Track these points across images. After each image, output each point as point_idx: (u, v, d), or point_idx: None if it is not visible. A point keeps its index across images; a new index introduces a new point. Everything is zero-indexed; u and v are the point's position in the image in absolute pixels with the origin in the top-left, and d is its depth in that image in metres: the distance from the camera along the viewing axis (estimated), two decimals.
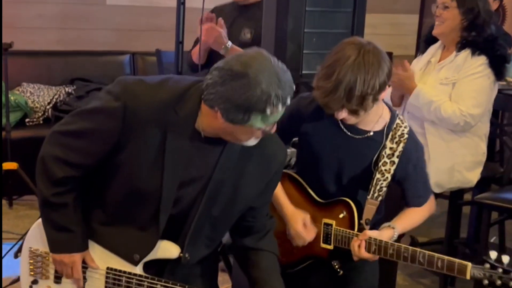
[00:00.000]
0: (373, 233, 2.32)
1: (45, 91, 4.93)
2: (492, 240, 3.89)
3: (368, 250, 2.31)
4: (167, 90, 1.95)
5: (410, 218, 2.46)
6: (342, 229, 2.38)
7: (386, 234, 2.34)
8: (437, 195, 4.73)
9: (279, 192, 2.42)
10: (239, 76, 1.80)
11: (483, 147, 3.41)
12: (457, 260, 2.21)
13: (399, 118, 2.39)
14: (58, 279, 2.13)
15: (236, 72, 1.81)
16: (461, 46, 3.29)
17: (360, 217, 2.38)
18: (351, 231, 2.36)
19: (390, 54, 6.29)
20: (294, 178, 2.49)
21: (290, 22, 2.84)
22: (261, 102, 1.81)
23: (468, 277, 2.17)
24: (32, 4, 5.17)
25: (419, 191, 2.45)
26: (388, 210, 2.52)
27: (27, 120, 4.82)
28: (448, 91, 3.26)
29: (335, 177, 2.41)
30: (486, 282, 2.17)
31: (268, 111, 1.82)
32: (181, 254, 2.04)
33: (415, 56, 6.11)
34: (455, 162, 3.32)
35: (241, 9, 3.61)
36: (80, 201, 2.03)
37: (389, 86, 2.23)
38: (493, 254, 2.18)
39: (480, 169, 3.43)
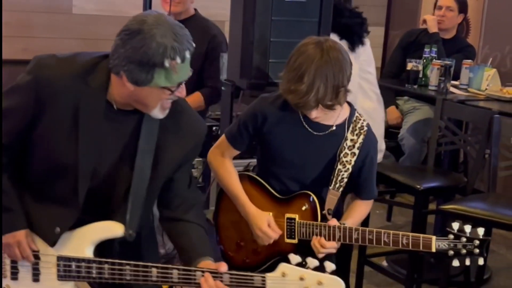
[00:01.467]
0: (337, 222, 2.36)
1: None
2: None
3: (333, 238, 2.32)
4: (78, 62, 1.99)
5: (358, 214, 2.51)
6: (305, 221, 2.39)
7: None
8: (405, 205, 4.79)
9: (241, 193, 2.46)
10: (135, 33, 1.86)
11: None
12: (421, 235, 2.27)
13: (357, 111, 2.45)
14: (14, 275, 2.10)
15: (133, 30, 1.86)
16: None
17: (322, 208, 2.40)
18: (315, 222, 2.38)
19: None
20: (254, 178, 2.51)
21: (256, 31, 2.85)
22: (158, 55, 1.84)
23: (433, 249, 2.23)
24: None
25: (372, 185, 2.52)
26: None
27: None
28: None
29: (298, 175, 2.44)
30: (451, 252, 2.22)
31: (167, 63, 1.85)
32: (125, 232, 2.04)
33: (381, 68, 6.21)
34: None
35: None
36: (13, 181, 2.03)
37: None
38: (455, 225, 2.24)
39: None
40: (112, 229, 2.05)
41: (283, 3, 2.88)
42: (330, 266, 1.93)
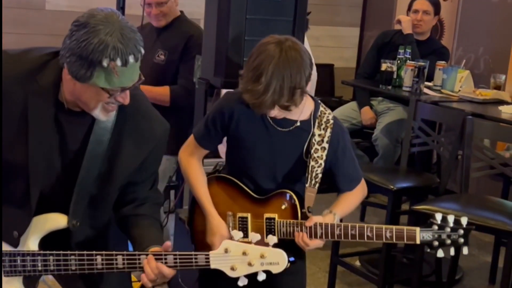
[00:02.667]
0: (318, 219, 2.33)
1: None
2: (428, 250, 3.94)
3: (314, 235, 2.32)
4: (28, 59, 1.94)
5: (348, 202, 2.48)
6: (285, 220, 2.38)
7: (328, 219, 2.35)
8: (378, 206, 4.81)
9: (204, 198, 2.44)
10: (82, 26, 1.81)
11: None
12: (405, 227, 2.27)
13: (322, 105, 2.44)
14: None
15: (81, 22, 1.81)
16: None
17: (302, 206, 2.39)
18: (295, 221, 2.36)
19: (331, 66, 6.38)
20: (227, 179, 2.48)
21: (231, 29, 2.84)
22: (97, 52, 1.78)
23: (418, 241, 2.23)
24: None
25: (351, 175, 2.49)
26: None
27: None
28: None
29: (270, 172, 2.42)
30: (436, 243, 2.23)
31: (105, 63, 1.78)
32: (69, 223, 2.01)
33: (356, 69, 6.23)
34: None
35: (157, 31, 3.85)
36: None
37: None
38: (439, 216, 2.24)
39: None
40: (56, 220, 2.01)
41: (258, 1, 2.87)
42: (271, 239, 1.98)
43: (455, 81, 4.38)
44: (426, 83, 4.41)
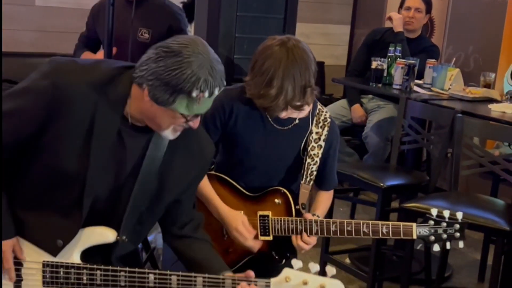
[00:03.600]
0: (310, 216, 2.35)
1: None
2: (418, 248, 3.96)
3: (310, 232, 2.32)
4: (99, 72, 1.93)
5: (325, 204, 2.52)
6: (279, 217, 2.38)
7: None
8: (368, 203, 4.82)
9: (212, 194, 2.42)
10: (173, 54, 1.80)
11: None
12: (401, 223, 2.28)
13: (319, 103, 2.46)
14: None
15: (172, 50, 1.81)
16: None
17: (296, 203, 2.39)
18: (290, 218, 2.37)
19: (322, 64, 6.38)
20: (221, 178, 2.48)
21: (221, 27, 2.84)
22: (189, 83, 1.80)
23: (415, 236, 2.25)
24: None
25: (333, 176, 2.53)
26: None
27: None
28: None
29: (266, 169, 2.43)
30: (432, 238, 2.25)
31: (194, 94, 1.81)
32: (118, 237, 2.00)
33: (346, 66, 6.23)
34: None
35: (130, 6, 3.57)
36: (4, 186, 1.95)
37: None
38: (434, 211, 2.26)
39: None
40: (103, 234, 2.00)
41: None
42: (331, 270, 1.97)
43: (445, 79, 4.39)
44: (416, 81, 4.42)
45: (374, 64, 4.51)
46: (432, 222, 2.25)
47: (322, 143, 2.40)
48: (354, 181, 3.67)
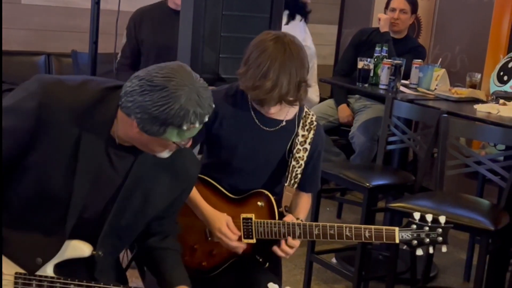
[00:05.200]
0: (293, 218, 2.35)
1: None
2: (404, 247, 3.96)
3: (293, 235, 2.31)
4: (86, 93, 1.91)
5: (306, 208, 2.52)
6: (262, 220, 2.37)
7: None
8: (354, 203, 4.83)
9: (197, 196, 2.40)
10: (159, 89, 1.78)
11: None
12: (384, 227, 2.28)
13: (305, 106, 2.45)
14: None
15: (157, 84, 1.78)
16: None
17: (279, 206, 2.39)
18: (273, 221, 2.35)
19: None
20: (204, 179, 2.46)
21: (207, 26, 2.82)
22: (178, 118, 1.79)
23: (397, 240, 2.25)
24: None
25: (317, 179, 2.52)
26: None
27: None
28: None
29: (251, 171, 2.42)
30: (415, 242, 2.25)
31: (185, 127, 1.81)
32: (94, 252, 1.99)
33: (334, 66, 6.23)
34: None
35: (174, 14, 3.57)
36: None
37: None
38: (417, 215, 2.26)
39: None
40: (79, 248, 1.98)
41: None
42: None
43: (431, 79, 4.40)
44: (403, 81, 4.43)
45: (360, 64, 4.52)
46: (414, 226, 2.25)
47: (307, 146, 2.40)
48: (340, 181, 3.67)
